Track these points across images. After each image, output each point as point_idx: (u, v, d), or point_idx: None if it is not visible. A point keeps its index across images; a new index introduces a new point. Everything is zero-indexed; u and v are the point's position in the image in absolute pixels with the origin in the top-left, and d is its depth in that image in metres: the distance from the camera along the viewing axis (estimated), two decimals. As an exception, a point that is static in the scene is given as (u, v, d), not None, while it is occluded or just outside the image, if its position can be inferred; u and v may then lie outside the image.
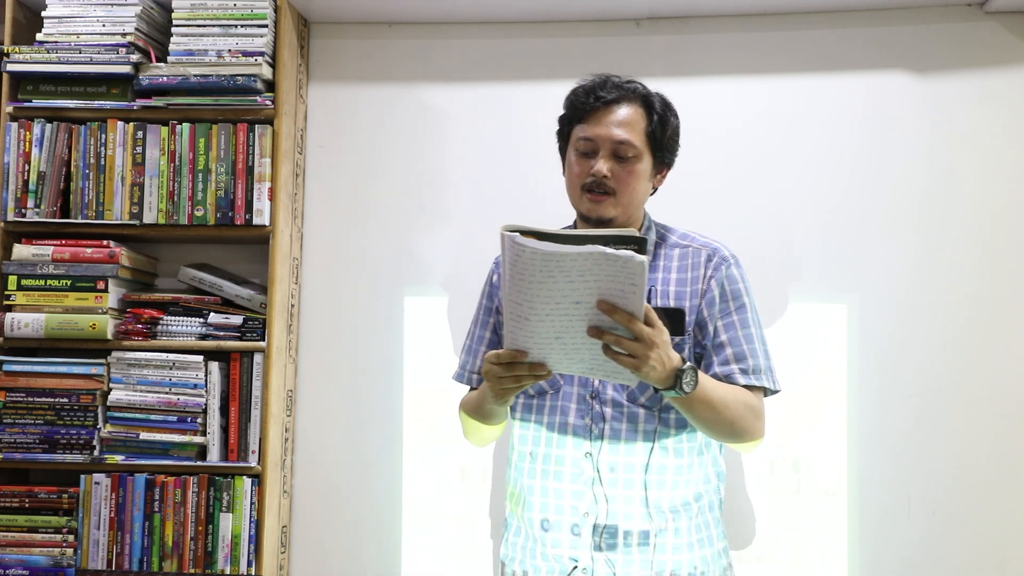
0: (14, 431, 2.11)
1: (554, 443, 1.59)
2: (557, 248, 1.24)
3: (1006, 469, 2.11)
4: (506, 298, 1.33)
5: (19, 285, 2.13)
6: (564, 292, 1.28)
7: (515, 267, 1.28)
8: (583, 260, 1.25)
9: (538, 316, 1.31)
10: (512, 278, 1.29)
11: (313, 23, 2.36)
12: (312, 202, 2.34)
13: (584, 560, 1.56)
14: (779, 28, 2.25)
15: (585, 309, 1.30)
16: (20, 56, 2.16)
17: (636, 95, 1.60)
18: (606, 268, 1.26)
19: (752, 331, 1.59)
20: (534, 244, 1.24)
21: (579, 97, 1.62)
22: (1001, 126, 2.17)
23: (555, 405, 1.60)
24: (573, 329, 1.32)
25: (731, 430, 1.52)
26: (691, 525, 1.58)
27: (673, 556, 1.56)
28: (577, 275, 1.27)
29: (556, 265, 1.25)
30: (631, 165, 1.57)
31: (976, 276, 2.15)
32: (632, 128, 1.57)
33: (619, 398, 1.57)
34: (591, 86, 1.62)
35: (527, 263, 1.26)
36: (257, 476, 2.11)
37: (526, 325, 1.33)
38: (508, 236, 1.26)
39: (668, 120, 1.61)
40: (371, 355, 2.29)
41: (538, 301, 1.29)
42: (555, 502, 1.58)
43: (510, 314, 1.33)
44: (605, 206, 1.57)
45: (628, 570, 1.55)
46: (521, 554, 1.64)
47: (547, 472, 1.59)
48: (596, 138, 1.58)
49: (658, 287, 1.60)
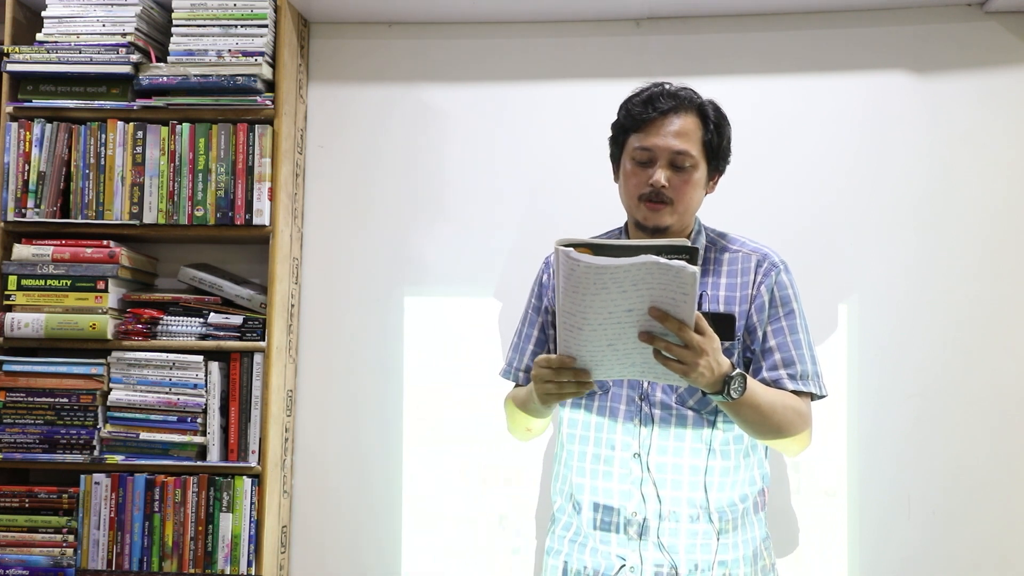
0: (14, 431, 2.11)
1: (603, 443, 1.62)
2: (611, 262, 1.27)
3: (1006, 469, 2.11)
4: (560, 309, 1.36)
5: (19, 285, 2.13)
6: (617, 302, 1.31)
7: (569, 280, 1.31)
8: (636, 270, 1.28)
9: (591, 326, 1.34)
10: (566, 291, 1.32)
11: (313, 23, 2.36)
12: (312, 202, 2.34)
13: (632, 559, 1.59)
14: (779, 28, 2.25)
15: (637, 316, 1.33)
16: (20, 56, 2.16)
17: (691, 104, 1.61)
18: (659, 277, 1.28)
19: (800, 337, 1.61)
20: (588, 259, 1.27)
21: (635, 107, 1.62)
22: (1001, 126, 2.17)
23: (604, 405, 1.63)
24: (625, 336, 1.36)
25: (777, 434, 1.54)
26: (735, 526, 1.61)
27: (718, 556, 1.58)
28: (630, 285, 1.29)
29: (610, 277, 1.28)
30: (688, 175, 1.58)
31: (976, 276, 2.15)
32: (689, 138, 1.58)
33: (668, 400, 1.59)
34: (648, 96, 1.62)
35: (581, 277, 1.29)
36: (257, 476, 2.11)
37: (579, 335, 1.36)
38: (563, 251, 1.29)
39: (723, 128, 1.62)
40: (371, 355, 2.29)
41: (591, 312, 1.32)
42: (604, 501, 1.61)
43: (563, 324, 1.37)
44: (662, 215, 1.59)
45: (672, 568, 1.57)
46: (568, 548, 1.68)
47: (596, 471, 1.62)
48: (654, 148, 1.58)
49: (708, 291, 1.61)
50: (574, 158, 2.24)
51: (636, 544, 1.59)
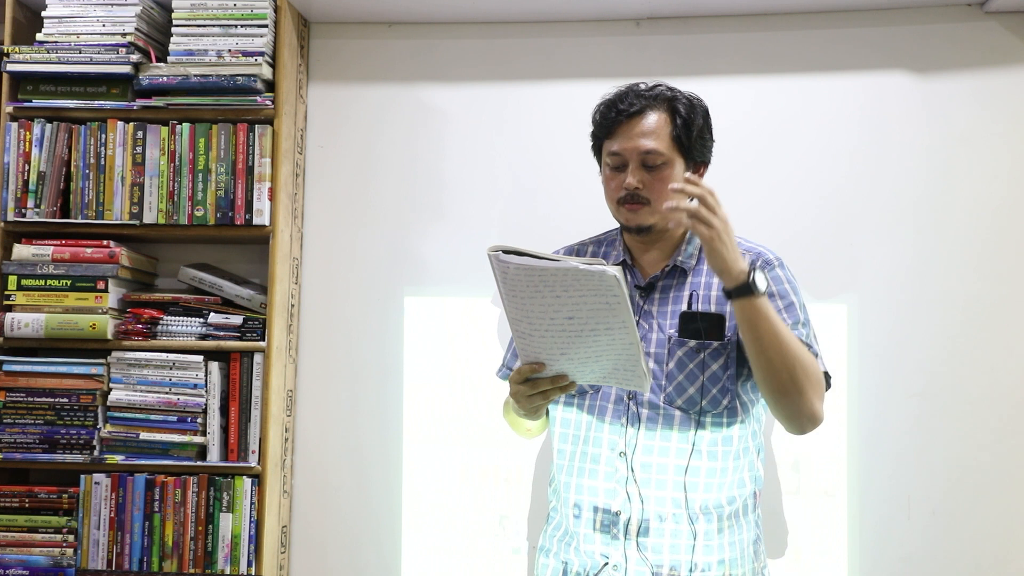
0: (14, 431, 2.11)
1: (591, 442, 1.62)
2: (536, 263, 1.32)
3: (1006, 469, 2.11)
4: (508, 316, 1.41)
5: (19, 285, 2.13)
6: (555, 307, 1.35)
7: (506, 284, 1.37)
8: (563, 275, 1.32)
9: (539, 332, 1.39)
10: (507, 295, 1.38)
11: (313, 23, 2.36)
12: (312, 202, 2.34)
13: (615, 557, 1.58)
14: (779, 28, 2.25)
15: (579, 325, 1.37)
16: (20, 56, 2.16)
17: (660, 100, 1.60)
18: (585, 283, 1.33)
19: (804, 326, 1.58)
20: (516, 260, 1.33)
21: (604, 112, 1.63)
22: (1000, 126, 2.17)
23: (593, 404, 1.63)
24: (575, 345, 1.40)
25: (791, 378, 1.47)
26: (723, 527, 1.59)
27: (704, 557, 1.57)
28: (562, 290, 1.34)
29: (540, 279, 1.33)
30: (661, 172, 1.58)
31: (976, 276, 2.15)
32: (657, 136, 1.58)
33: (655, 400, 1.58)
34: (614, 99, 1.63)
35: (514, 279, 1.35)
36: (257, 476, 2.11)
37: (531, 341, 1.41)
38: (492, 255, 1.35)
39: (693, 120, 1.61)
40: (371, 355, 2.29)
41: (534, 316, 1.37)
42: (588, 499, 1.61)
43: (516, 331, 1.42)
44: (642, 214, 1.59)
45: (657, 568, 1.57)
46: (557, 546, 1.68)
47: (583, 469, 1.62)
48: (623, 152, 1.59)
49: (700, 292, 1.61)
50: (574, 158, 2.23)
51: (620, 543, 1.58)
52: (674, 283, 1.63)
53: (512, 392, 1.51)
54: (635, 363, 1.41)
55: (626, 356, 1.40)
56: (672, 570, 1.56)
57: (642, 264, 1.67)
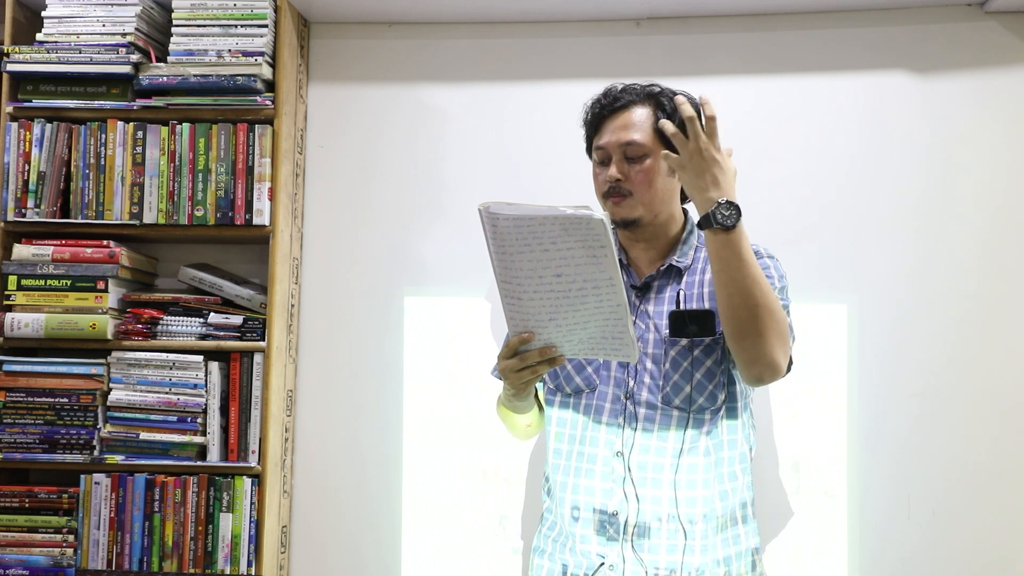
0: (14, 431, 2.11)
1: (587, 441, 1.62)
2: (525, 211, 1.34)
3: (1006, 469, 2.11)
4: (498, 279, 1.41)
5: (19, 285, 2.13)
6: (543, 263, 1.37)
7: (495, 240, 1.38)
8: (551, 224, 1.34)
9: (528, 294, 1.40)
10: (497, 253, 1.39)
11: (313, 23, 2.36)
12: (312, 202, 2.34)
13: (612, 557, 1.58)
14: (779, 28, 2.25)
15: (567, 284, 1.38)
16: (20, 56, 2.16)
17: (644, 95, 1.63)
18: (573, 232, 1.34)
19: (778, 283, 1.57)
20: (506, 210, 1.34)
21: (591, 110, 1.67)
22: (1000, 126, 2.17)
23: (590, 404, 1.63)
24: (563, 308, 1.40)
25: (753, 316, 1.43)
26: (718, 524, 1.59)
27: (700, 557, 1.57)
28: (550, 242, 1.35)
29: (528, 231, 1.35)
30: (641, 164, 1.59)
31: (976, 276, 2.15)
32: (638, 128, 1.60)
33: (653, 399, 1.58)
34: (599, 96, 1.66)
35: (503, 233, 1.36)
36: (257, 476, 2.11)
37: (520, 305, 1.41)
38: (483, 209, 1.36)
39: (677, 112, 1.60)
40: (371, 355, 2.29)
41: (523, 275, 1.38)
42: (585, 499, 1.61)
43: (505, 296, 1.42)
44: (625, 207, 1.60)
45: (655, 568, 1.56)
46: (552, 547, 1.68)
47: (579, 469, 1.62)
48: (606, 146, 1.62)
49: (693, 291, 1.61)
50: (574, 158, 2.23)
51: (617, 543, 1.58)
52: (669, 283, 1.64)
53: (501, 368, 1.50)
54: (622, 329, 1.41)
55: (614, 321, 1.40)
56: (670, 572, 1.56)
57: (638, 264, 1.67)
